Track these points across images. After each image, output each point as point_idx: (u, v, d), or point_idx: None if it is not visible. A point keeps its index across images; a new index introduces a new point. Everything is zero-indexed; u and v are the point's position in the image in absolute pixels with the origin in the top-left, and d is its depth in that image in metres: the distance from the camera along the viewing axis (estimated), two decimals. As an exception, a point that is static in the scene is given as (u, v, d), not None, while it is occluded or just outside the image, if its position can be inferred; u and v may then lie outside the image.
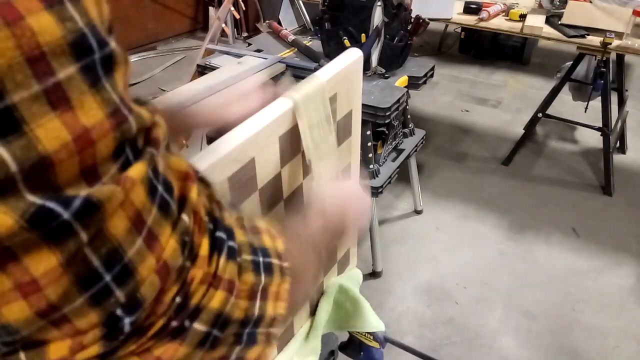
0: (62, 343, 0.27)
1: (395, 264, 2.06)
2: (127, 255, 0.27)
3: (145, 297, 0.28)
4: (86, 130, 0.23)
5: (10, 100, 0.21)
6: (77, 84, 0.23)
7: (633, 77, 3.73)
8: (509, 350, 1.73)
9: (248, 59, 1.83)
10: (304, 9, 2.28)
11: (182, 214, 0.30)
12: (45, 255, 0.24)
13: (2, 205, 0.22)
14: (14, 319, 0.25)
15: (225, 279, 0.32)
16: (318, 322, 1.06)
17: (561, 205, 2.39)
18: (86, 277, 0.26)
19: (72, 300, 0.26)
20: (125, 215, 0.26)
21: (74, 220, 0.24)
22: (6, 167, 0.21)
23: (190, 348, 0.31)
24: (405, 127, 2.01)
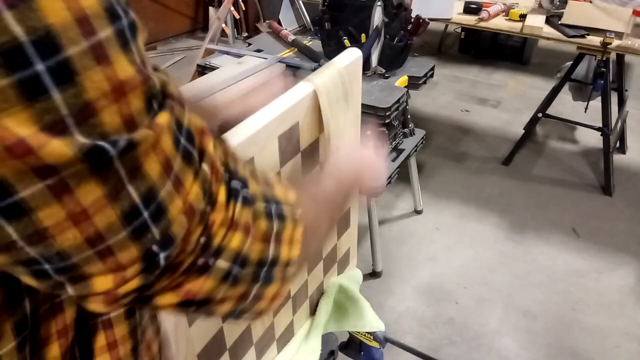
0: (106, 277, 0.31)
1: (395, 264, 2.06)
2: (160, 195, 0.30)
3: (176, 234, 0.32)
4: (121, 83, 0.27)
5: (66, 54, 0.25)
6: (113, 44, 0.27)
7: (633, 77, 3.73)
8: (509, 350, 1.73)
9: (248, 59, 1.83)
10: (304, 9, 2.28)
11: (202, 164, 0.34)
12: (93, 187, 0.27)
13: (61, 140, 0.25)
14: (67, 245, 0.28)
15: (242, 222, 0.36)
16: (318, 322, 1.06)
17: (561, 205, 2.39)
18: (128, 212, 0.29)
19: (116, 233, 0.29)
20: (157, 160, 0.30)
21: (117, 157, 0.27)
22: (58, 111, 0.25)
23: (215, 282, 0.36)
24: (405, 127, 2.01)
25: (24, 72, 0.24)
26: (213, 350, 0.79)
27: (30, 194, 0.26)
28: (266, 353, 0.96)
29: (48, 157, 0.25)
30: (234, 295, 0.38)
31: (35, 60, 0.24)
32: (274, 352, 0.99)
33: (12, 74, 0.24)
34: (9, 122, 0.24)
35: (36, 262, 0.29)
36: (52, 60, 0.24)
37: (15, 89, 0.24)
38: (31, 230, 0.27)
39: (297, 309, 1.02)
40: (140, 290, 0.33)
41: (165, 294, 0.34)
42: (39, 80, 0.24)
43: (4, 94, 0.24)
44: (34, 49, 0.24)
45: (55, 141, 0.25)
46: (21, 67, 0.24)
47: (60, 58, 0.25)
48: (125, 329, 0.43)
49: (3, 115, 0.24)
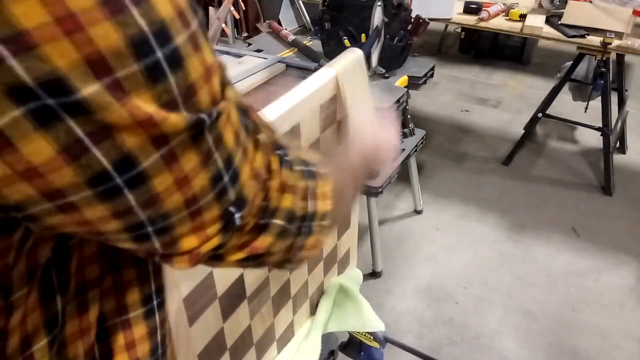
0: (192, 237, 0.35)
1: (395, 264, 2.06)
2: (235, 161, 0.34)
3: (248, 196, 0.36)
4: (209, 67, 0.31)
5: (176, 43, 0.28)
6: (199, 34, 0.30)
7: (633, 77, 3.73)
8: (509, 350, 1.73)
9: (248, 59, 1.82)
10: (304, 9, 2.28)
11: (258, 135, 0.38)
12: (193, 155, 0.31)
13: (175, 114, 0.29)
14: (172, 207, 0.32)
15: (289, 185, 0.41)
16: (318, 322, 1.06)
17: (561, 205, 2.39)
18: (216, 176, 0.33)
19: (206, 194, 0.33)
20: (231, 130, 0.34)
21: (208, 127, 0.31)
22: (172, 91, 0.29)
23: (273, 238, 0.40)
24: (405, 127, 2.01)
25: (149, 59, 0.27)
26: (213, 350, 0.79)
27: (149, 164, 0.29)
28: (266, 353, 0.96)
29: (168, 128, 0.29)
30: (283, 247, 0.42)
31: (156, 49, 0.27)
32: (274, 352, 0.99)
33: (141, 60, 0.27)
34: (139, 101, 0.27)
35: (142, 226, 0.32)
36: (167, 48, 0.28)
37: (143, 73, 0.27)
38: (147, 196, 0.31)
39: (298, 309, 1.02)
40: (217, 249, 0.37)
41: (234, 252, 0.39)
42: (159, 66, 0.28)
43: (135, 78, 0.27)
44: (155, 40, 0.27)
45: (172, 116, 0.29)
46: (147, 54, 0.27)
47: (173, 46, 0.28)
48: (143, 329, 0.45)
49: (134, 96, 0.27)
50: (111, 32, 0.26)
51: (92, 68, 0.25)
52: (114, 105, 0.27)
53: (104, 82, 0.26)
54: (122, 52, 0.26)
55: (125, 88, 0.27)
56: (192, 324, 0.71)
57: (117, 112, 0.27)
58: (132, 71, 0.27)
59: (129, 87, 0.27)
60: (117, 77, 0.26)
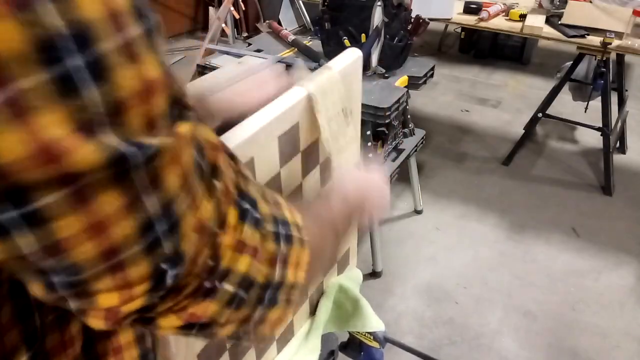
0: (112, 294, 0.29)
1: (395, 264, 2.06)
2: (175, 210, 0.29)
3: (186, 252, 0.31)
4: (151, 83, 0.26)
5: (101, 49, 0.24)
6: (143, 43, 0.26)
7: (633, 77, 3.73)
8: (508, 351, 1.73)
9: (248, 59, 1.83)
10: (304, 9, 2.28)
11: (214, 181, 0.32)
12: (114, 196, 0.26)
13: (92, 143, 0.24)
14: (80, 258, 0.27)
15: (250, 245, 0.35)
16: (318, 322, 1.06)
17: (561, 205, 2.39)
18: (145, 224, 0.28)
19: (131, 246, 0.28)
20: (177, 172, 0.28)
21: (142, 165, 0.26)
22: (96, 109, 0.24)
23: (219, 306, 0.35)
24: (405, 127, 2.01)
25: (61, 67, 0.23)
26: (213, 351, 0.79)
27: (48, 203, 0.24)
28: (266, 353, 0.96)
29: (76, 163, 0.24)
30: (237, 318, 0.37)
31: (73, 54, 0.23)
32: (273, 352, 0.99)
33: (49, 68, 0.22)
34: (43, 120, 0.22)
35: (46, 273, 0.27)
36: (89, 54, 0.23)
37: (52, 84, 0.23)
38: (45, 242, 0.25)
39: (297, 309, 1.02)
40: (143, 311, 0.32)
41: (168, 316, 0.33)
42: (75, 76, 0.23)
43: (41, 89, 0.22)
44: (72, 44, 0.23)
45: (87, 145, 0.24)
46: (58, 61, 0.23)
47: (95, 53, 0.24)
48: (130, 335, 0.43)
49: (38, 114, 0.22)
50: (15, 31, 0.21)
51: None
52: (8, 125, 0.22)
53: (2, 94, 0.22)
54: (27, 56, 0.22)
55: (29, 103, 0.22)
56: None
57: (10, 137, 0.22)
58: (38, 81, 0.22)
59: (34, 102, 0.22)
60: (20, 88, 0.22)
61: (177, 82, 0.30)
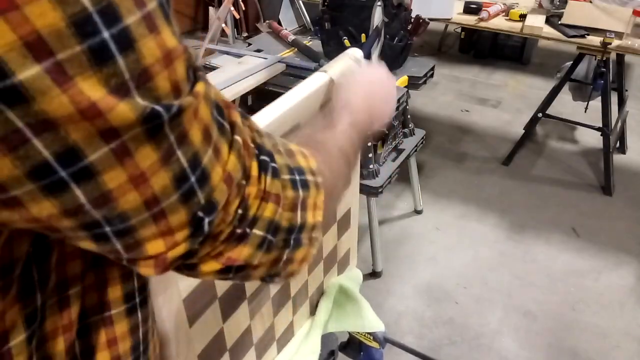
0: (158, 241, 0.33)
1: (395, 264, 2.06)
2: (203, 161, 0.32)
3: (219, 201, 0.34)
4: (169, 50, 0.29)
5: (125, 23, 0.27)
6: (159, 15, 0.29)
7: (633, 77, 3.73)
8: (508, 351, 1.73)
9: (248, 59, 1.83)
10: (304, 9, 2.28)
11: (235, 136, 0.36)
12: (149, 151, 0.29)
13: (125, 103, 0.27)
14: (128, 207, 0.30)
15: (273, 193, 0.38)
16: (318, 322, 1.06)
17: (561, 205, 2.39)
18: (179, 176, 0.31)
19: (169, 195, 0.31)
20: (198, 127, 0.32)
21: (168, 122, 0.29)
22: (122, 75, 0.27)
23: (252, 249, 0.38)
24: (405, 127, 2.01)
25: (93, 39, 0.25)
26: (213, 351, 0.79)
27: (97, 158, 0.28)
28: (266, 353, 0.96)
29: (115, 120, 0.27)
30: (268, 260, 0.40)
31: (102, 29, 0.26)
32: (274, 352, 0.99)
33: (84, 41, 0.25)
34: (83, 85, 0.26)
35: (98, 225, 0.30)
36: (115, 28, 0.26)
37: (87, 54, 0.25)
38: (97, 193, 0.29)
39: (297, 309, 1.02)
40: (187, 256, 0.35)
41: (208, 261, 0.37)
42: (106, 47, 0.26)
43: (78, 59, 0.25)
44: (100, 19, 0.25)
45: (122, 104, 0.27)
46: (90, 35, 0.25)
47: (121, 26, 0.26)
48: (125, 326, 0.44)
49: (78, 80, 0.25)
50: (49, 10, 0.24)
51: (30, 50, 0.24)
52: (54, 91, 0.25)
53: (44, 65, 0.24)
54: (63, 32, 0.25)
55: (68, 71, 0.25)
56: (192, 324, 0.71)
57: (58, 98, 0.25)
58: (74, 52, 0.25)
59: (72, 70, 0.25)
60: (59, 60, 0.25)
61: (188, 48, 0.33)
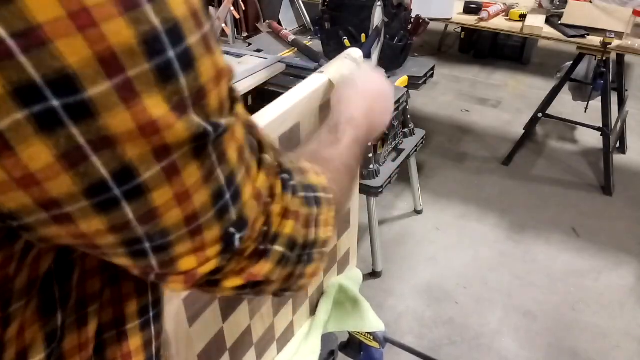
0: (191, 257, 0.33)
1: (395, 264, 2.06)
2: (237, 179, 0.33)
3: (249, 217, 0.35)
4: (220, 70, 0.30)
5: (188, 43, 0.28)
6: (212, 36, 0.30)
7: (633, 77, 3.73)
8: (508, 351, 1.73)
9: (248, 59, 1.83)
10: (304, 9, 2.28)
11: (263, 155, 0.37)
12: (194, 169, 0.30)
13: (184, 120, 0.28)
14: (170, 223, 0.31)
15: (292, 211, 0.40)
16: (318, 322, 1.06)
17: (561, 205, 2.39)
18: (217, 193, 0.32)
19: (207, 212, 0.32)
20: (235, 146, 0.33)
21: (213, 141, 0.30)
22: (183, 92, 0.28)
23: (272, 265, 0.39)
24: (405, 127, 2.01)
25: (161, 58, 0.26)
26: (213, 351, 0.79)
27: (149, 176, 0.28)
28: (266, 353, 0.96)
29: (170, 137, 0.28)
30: (283, 275, 0.41)
31: (168, 48, 0.27)
32: (274, 352, 0.99)
33: (152, 59, 0.26)
34: (148, 102, 0.26)
35: (139, 242, 0.31)
36: (180, 47, 0.27)
37: (154, 72, 0.26)
38: (145, 210, 0.29)
39: (297, 309, 1.02)
40: (214, 272, 0.36)
41: (231, 277, 0.37)
42: (171, 66, 0.27)
43: (146, 77, 0.26)
44: (167, 38, 0.27)
45: (180, 122, 0.28)
46: (158, 53, 0.26)
47: (185, 46, 0.28)
48: (139, 340, 0.44)
49: (144, 97, 0.26)
50: (124, 28, 0.25)
51: (103, 66, 0.25)
52: (120, 107, 0.26)
53: (114, 82, 0.25)
54: (134, 50, 0.25)
55: (136, 88, 0.26)
56: (192, 324, 0.71)
57: (122, 115, 0.26)
58: (143, 70, 0.26)
59: (140, 87, 0.26)
60: (129, 76, 0.26)
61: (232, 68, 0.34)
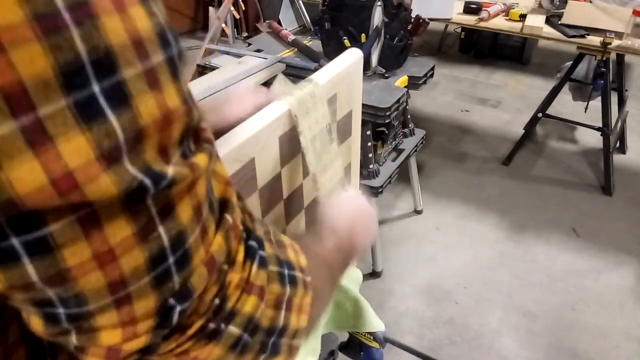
0: (115, 331, 0.28)
1: (395, 264, 2.06)
2: (188, 241, 0.28)
3: (195, 287, 0.29)
4: (169, 111, 0.26)
5: (122, 76, 0.23)
6: (165, 71, 0.26)
7: (633, 77, 3.73)
8: (509, 350, 1.73)
9: (248, 59, 1.83)
10: (304, 9, 2.28)
11: (226, 214, 0.32)
12: (123, 224, 0.25)
13: (112, 172, 0.23)
14: (88, 288, 0.26)
15: (257, 285, 0.34)
16: (318, 322, 1.06)
17: (561, 205, 2.39)
18: (156, 256, 0.27)
19: (140, 278, 0.27)
20: (190, 203, 0.28)
21: (158, 194, 0.26)
22: (116, 137, 0.23)
23: (223, 350, 0.32)
24: (405, 127, 2.01)
25: (81, 93, 0.22)
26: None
27: (58, 228, 0.23)
28: (266, 353, 0.96)
29: (96, 192, 0.23)
30: None
31: (93, 81, 0.22)
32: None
33: (70, 94, 0.22)
34: (65, 148, 0.22)
35: (51, 304, 0.26)
36: (108, 81, 0.23)
37: (73, 111, 0.22)
38: (53, 269, 0.24)
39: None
40: (145, 351, 0.30)
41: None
42: (94, 103, 0.22)
43: (61, 116, 0.22)
44: (92, 69, 0.22)
45: (108, 174, 0.23)
46: (79, 87, 0.22)
47: (116, 80, 0.23)
48: None
49: (58, 142, 0.22)
50: (39, 56, 0.21)
51: (8, 102, 0.20)
52: (25, 155, 0.21)
53: (20, 122, 0.21)
54: (50, 82, 0.21)
55: (48, 130, 0.21)
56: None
57: (28, 164, 0.21)
58: (59, 107, 0.21)
59: (53, 130, 0.21)
60: (39, 116, 0.21)
61: (197, 110, 0.29)
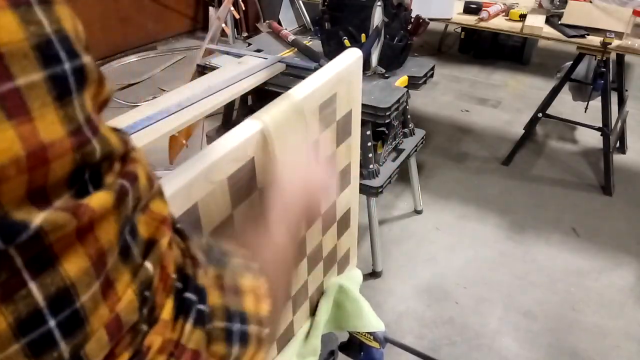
0: None
1: (395, 264, 2.06)
2: (79, 300, 0.22)
3: (91, 357, 0.23)
4: (43, 147, 0.20)
5: None
6: (41, 93, 0.20)
7: (633, 77, 3.73)
8: (509, 350, 1.73)
9: (248, 59, 1.82)
10: (304, 9, 2.28)
11: (146, 261, 0.26)
12: None
13: None
14: None
15: (190, 348, 0.28)
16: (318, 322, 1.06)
17: (561, 205, 2.39)
18: (27, 319, 0.21)
19: (6, 346, 0.21)
20: (85, 253, 0.22)
21: (23, 245, 0.20)
22: None
23: None
24: (405, 127, 2.01)
25: None
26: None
27: None
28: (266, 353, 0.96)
29: None
30: None
31: None
32: (274, 352, 0.99)
33: None
34: None
35: None
36: None
37: None
38: None
39: (297, 309, 1.02)
40: None
41: None
42: None
43: None
44: None
45: None
46: None
47: None
48: None
49: None
50: None
51: None
52: None
53: None
54: None
55: None
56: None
57: None
58: None
59: None
60: None
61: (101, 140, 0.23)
